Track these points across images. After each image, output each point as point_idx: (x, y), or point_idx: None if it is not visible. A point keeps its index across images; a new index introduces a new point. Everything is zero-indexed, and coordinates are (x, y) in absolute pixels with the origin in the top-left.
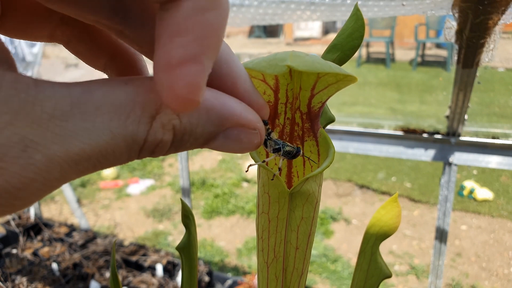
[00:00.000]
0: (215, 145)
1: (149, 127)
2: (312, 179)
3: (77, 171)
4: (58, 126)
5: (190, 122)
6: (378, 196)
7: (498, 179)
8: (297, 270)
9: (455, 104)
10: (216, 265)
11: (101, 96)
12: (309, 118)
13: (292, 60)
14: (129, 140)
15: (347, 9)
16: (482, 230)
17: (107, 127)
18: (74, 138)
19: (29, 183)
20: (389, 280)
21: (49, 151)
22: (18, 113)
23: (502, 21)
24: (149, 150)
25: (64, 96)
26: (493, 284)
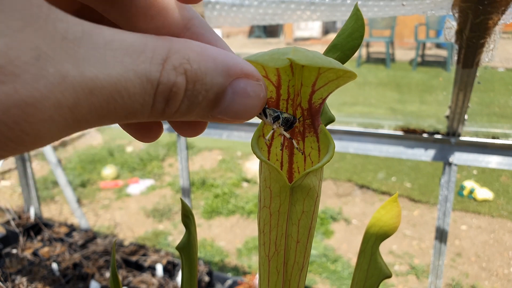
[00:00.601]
0: (224, 103)
1: (161, 68)
2: (313, 173)
3: (90, 102)
4: (71, 48)
5: (199, 68)
6: (378, 196)
7: (498, 179)
8: (298, 263)
9: (455, 104)
10: (216, 265)
11: (111, 33)
12: (310, 114)
13: (294, 54)
14: (143, 78)
15: (347, 9)
16: (482, 230)
17: (119, 61)
18: (87, 63)
19: (40, 99)
20: (389, 280)
21: (63, 68)
22: (30, 23)
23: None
24: (163, 95)
25: (76, 23)
26: (493, 284)
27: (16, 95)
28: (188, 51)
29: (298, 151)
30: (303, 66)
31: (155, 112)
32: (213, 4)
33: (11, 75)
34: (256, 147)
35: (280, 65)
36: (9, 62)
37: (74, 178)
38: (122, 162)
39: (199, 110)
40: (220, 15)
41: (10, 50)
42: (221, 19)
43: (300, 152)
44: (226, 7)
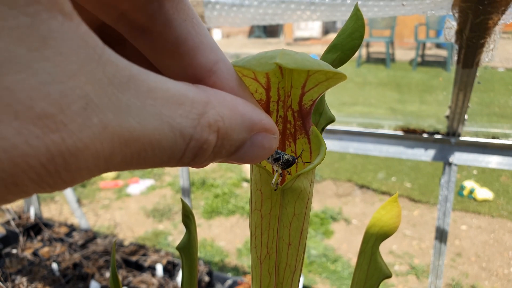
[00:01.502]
0: (241, 152)
1: (196, 123)
2: (304, 175)
3: (123, 153)
4: (115, 95)
5: (230, 125)
6: (378, 196)
7: (498, 179)
8: (290, 266)
9: (455, 104)
10: (216, 265)
11: (156, 80)
12: (300, 116)
13: (281, 58)
14: (176, 132)
15: (347, 9)
16: (482, 230)
17: (158, 113)
18: (127, 113)
19: (82, 149)
20: (389, 280)
21: (106, 118)
22: (83, 66)
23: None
24: (193, 151)
25: (124, 66)
26: (493, 284)
27: (62, 144)
28: (223, 108)
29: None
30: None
31: (181, 163)
32: (213, 4)
33: (60, 124)
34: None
35: (267, 69)
36: (60, 110)
37: None
38: None
39: (219, 159)
40: (220, 15)
41: (63, 98)
42: (221, 19)
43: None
44: (226, 7)
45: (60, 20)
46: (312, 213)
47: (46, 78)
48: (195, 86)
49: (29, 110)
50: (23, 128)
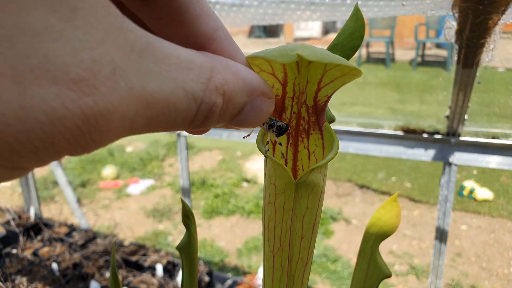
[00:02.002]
0: (242, 115)
1: (205, 87)
2: (317, 170)
3: (145, 116)
4: (136, 61)
5: (234, 88)
6: (378, 196)
7: (498, 179)
8: (302, 259)
9: (455, 104)
10: (216, 265)
11: (169, 46)
12: (315, 111)
13: (303, 50)
14: (189, 95)
15: (347, 9)
16: (482, 230)
17: (172, 77)
18: (147, 77)
19: (112, 111)
20: (389, 280)
21: (131, 82)
22: (108, 34)
23: (502, 21)
24: (203, 114)
25: (142, 34)
26: (493, 284)
27: (95, 107)
28: (227, 72)
29: (282, 156)
30: (309, 63)
31: (191, 125)
32: (213, 4)
33: (93, 88)
34: (261, 144)
35: (288, 60)
36: (92, 75)
37: (74, 178)
38: (122, 162)
39: (223, 122)
40: (220, 15)
41: (94, 63)
42: (221, 19)
43: (283, 157)
44: (226, 7)
45: None
46: None
47: (78, 45)
48: (200, 52)
49: (65, 75)
50: (60, 92)
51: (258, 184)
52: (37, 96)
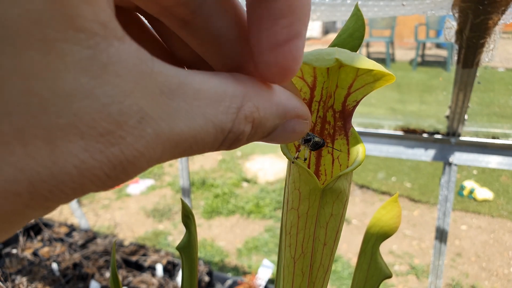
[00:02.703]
0: (272, 136)
1: (235, 117)
2: (344, 176)
3: (172, 153)
4: (166, 103)
5: (265, 114)
6: (378, 196)
7: (498, 179)
8: (323, 266)
9: (455, 104)
10: (216, 265)
11: (200, 81)
12: (342, 116)
13: (340, 55)
14: (218, 128)
15: (347, 9)
16: (482, 230)
17: (202, 113)
18: (176, 118)
19: (138, 157)
20: (389, 280)
21: (158, 127)
22: (138, 83)
23: (502, 21)
24: (230, 140)
25: (173, 74)
26: (493, 284)
27: (121, 155)
28: (259, 99)
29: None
30: (340, 67)
31: (219, 149)
32: None
33: (119, 138)
34: (285, 148)
35: (326, 64)
36: (119, 127)
37: None
38: None
39: (250, 142)
40: None
41: (121, 116)
42: None
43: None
44: None
45: (116, 45)
46: None
47: (107, 100)
48: (233, 78)
49: (93, 130)
50: (88, 145)
51: (258, 184)
52: (67, 151)
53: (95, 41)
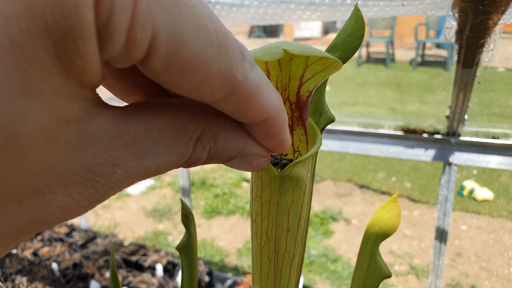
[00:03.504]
0: (230, 163)
1: (193, 147)
2: (301, 163)
3: (137, 179)
4: (136, 147)
5: (222, 145)
6: (378, 196)
7: (498, 179)
8: (289, 252)
9: (455, 104)
10: (216, 265)
11: (165, 121)
12: (298, 107)
13: (287, 46)
14: (180, 157)
15: (347, 9)
16: (482, 230)
17: (167, 147)
18: (144, 157)
19: (110, 192)
20: (389, 280)
21: (128, 167)
22: (114, 139)
23: (502, 21)
24: (188, 163)
25: (142, 121)
26: (493, 284)
27: (95, 193)
28: (219, 131)
29: None
30: (290, 60)
31: (177, 167)
32: (213, 4)
33: (94, 182)
34: None
35: (275, 57)
36: (94, 174)
37: None
38: None
39: (209, 163)
40: (220, 15)
41: (96, 167)
42: (221, 19)
43: None
44: (226, 7)
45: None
46: (312, 213)
47: (87, 160)
48: (200, 108)
49: (73, 180)
50: (69, 191)
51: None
52: (53, 199)
53: (81, 124)
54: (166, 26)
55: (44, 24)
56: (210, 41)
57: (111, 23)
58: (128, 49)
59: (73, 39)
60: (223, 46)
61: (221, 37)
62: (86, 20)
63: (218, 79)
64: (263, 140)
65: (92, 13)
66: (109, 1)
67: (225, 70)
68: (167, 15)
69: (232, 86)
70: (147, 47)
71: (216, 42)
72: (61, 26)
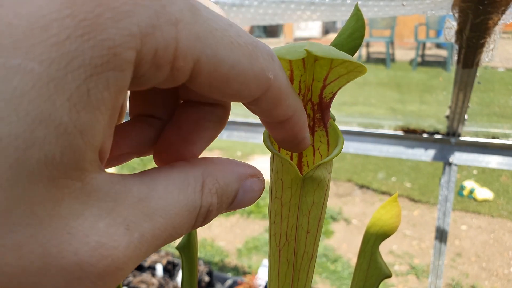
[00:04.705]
0: (238, 200)
1: (201, 194)
2: (323, 166)
3: (155, 247)
4: (146, 206)
5: (224, 183)
6: (378, 196)
7: (498, 179)
8: (308, 253)
9: (455, 104)
10: (216, 265)
11: (165, 179)
12: (320, 108)
13: (311, 47)
14: (190, 208)
15: (347, 9)
16: (482, 230)
17: (176, 200)
18: (156, 215)
19: (128, 261)
20: (389, 280)
21: (143, 228)
22: (117, 200)
23: (502, 21)
24: (203, 215)
25: (140, 183)
26: (493, 284)
27: (112, 264)
28: (216, 172)
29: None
30: (315, 61)
31: (195, 227)
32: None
33: (111, 249)
34: (268, 141)
35: (297, 57)
36: (109, 238)
37: None
38: None
39: (222, 211)
40: None
41: (109, 228)
42: None
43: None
44: (226, 7)
45: (97, 177)
46: None
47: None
48: (190, 163)
49: (86, 243)
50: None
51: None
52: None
53: (84, 176)
54: (205, 52)
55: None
56: (242, 53)
57: (156, 59)
58: (173, 75)
59: None
60: (254, 53)
61: (250, 47)
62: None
63: (254, 82)
64: (285, 139)
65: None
66: (153, 47)
67: (258, 72)
68: (204, 43)
69: (266, 85)
70: (191, 72)
71: (247, 52)
72: None
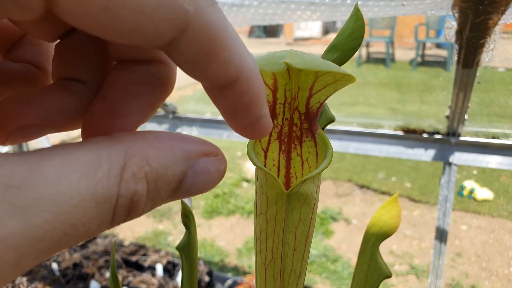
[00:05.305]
0: (187, 185)
1: (119, 179)
2: (310, 180)
3: (38, 251)
4: (17, 195)
5: (159, 164)
6: (378, 196)
7: (498, 179)
8: (295, 271)
9: (455, 104)
10: (216, 265)
11: (61, 156)
12: (307, 118)
13: (291, 58)
14: (100, 199)
15: (347, 9)
16: (482, 230)
17: (76, 189)
18: (36, 208)
19: None
20: (389, 280)
21: (5, 228)
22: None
23: (502, 21)
24: (123, 208)
25: (19, 162)
26: (493, 284)
27: None
28: (146, 149)
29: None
30: (300, 70)
31: (114, 223)
32: None
33: None
34: (252, 153)
35: (276, 69)
36: None
37: None
38: None
39: (161, 201)
40: None
41: None
42: None
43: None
44: (226, 7)
45: None
46: None
47: None
48: (108, 139)
49: None
50: None
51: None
52: None
53: None
54: None
55: None
56: None
57: None
58: None
59: None
60: None
61: None
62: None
63: (159, 12)
64: (234, 115)
65: None
66: None
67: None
68: None
69: (181, 19)
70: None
71: None
72: None
